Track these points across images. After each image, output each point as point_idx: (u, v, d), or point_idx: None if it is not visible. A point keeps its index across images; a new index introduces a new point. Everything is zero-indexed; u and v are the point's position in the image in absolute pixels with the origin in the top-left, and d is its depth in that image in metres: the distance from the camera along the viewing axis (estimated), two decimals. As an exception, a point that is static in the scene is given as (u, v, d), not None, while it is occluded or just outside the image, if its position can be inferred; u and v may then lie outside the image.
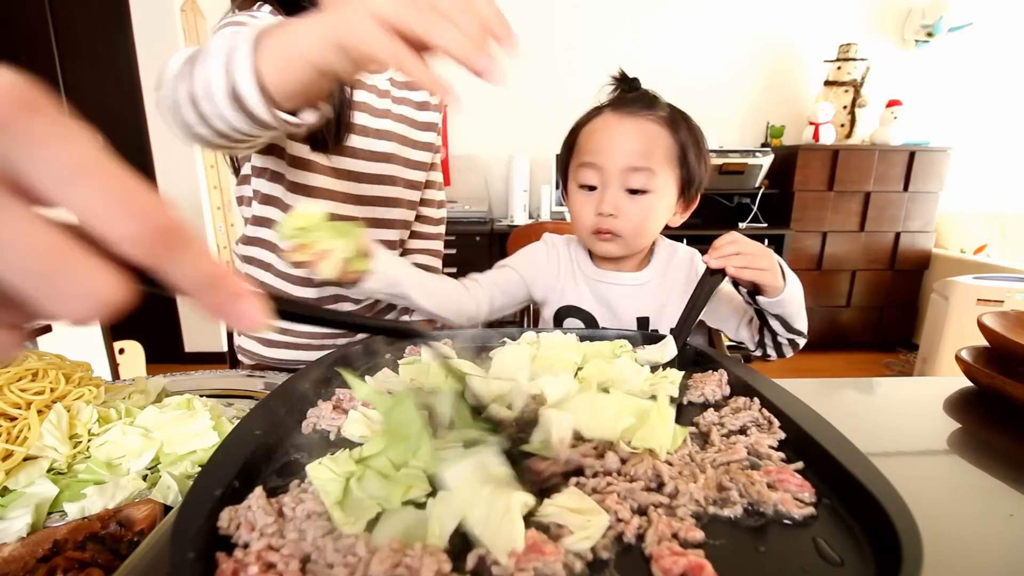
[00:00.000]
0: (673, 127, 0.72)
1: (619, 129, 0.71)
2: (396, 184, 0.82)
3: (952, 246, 3.08)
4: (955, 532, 0.37)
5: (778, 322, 0.69)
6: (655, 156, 0.71)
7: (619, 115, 0.72)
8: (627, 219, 0.73)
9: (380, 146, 0.79)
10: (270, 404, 0.40)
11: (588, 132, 0.75)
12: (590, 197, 0.74)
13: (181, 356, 2.94)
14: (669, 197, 0.74)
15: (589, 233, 0.76)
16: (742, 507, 0.29)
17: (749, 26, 3.08)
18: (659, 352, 0.54)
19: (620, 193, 0.72)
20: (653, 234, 0.77)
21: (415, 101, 0.85)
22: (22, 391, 0.46)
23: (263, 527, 0.26)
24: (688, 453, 0.35)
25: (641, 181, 0.71)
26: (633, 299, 0.79)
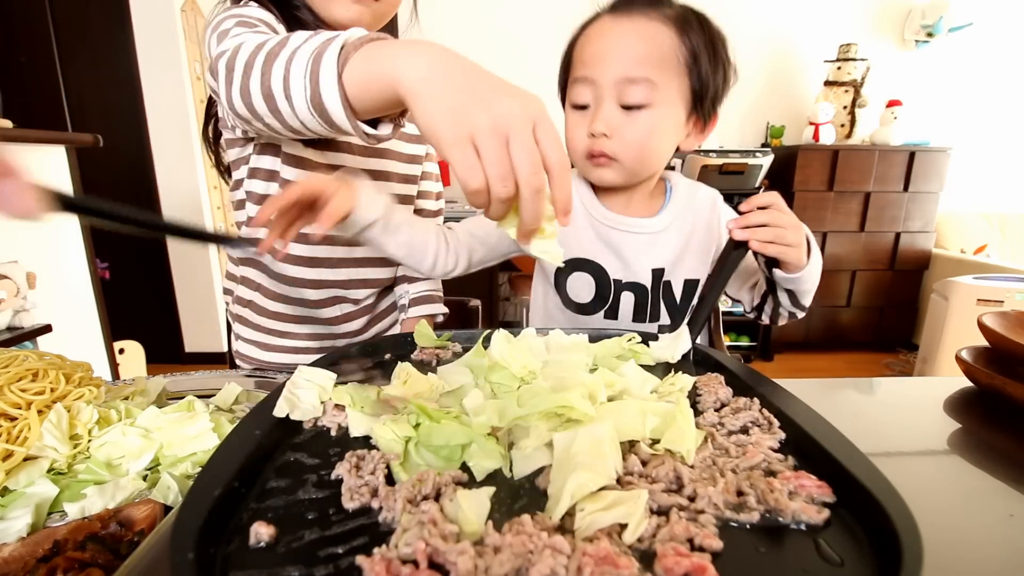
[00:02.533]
0: (682, 27, 0.60)
1: (614, 33, 0.61)
2: (391, 179, 0.82)
3: (952, 246, 3.08)
4: (955, 532, 0.37)
5: (787, 296, 0.64)
6: (656, 63, 0.60)
7: (616, 17, 0.62)
8: (623, 139, 0.62)
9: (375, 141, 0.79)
10: (270, 404, 0.40)
11: (582, 42, 0.65)
12: (583, 116, 0.64)
13: (181, 356, 2.94)
14: (676, 113, 0.63)
15: (582, 158, 0.66)
16: (759, 514, 0.29)
17: (749, 26, 3.08)
18: (672, 345, 0.52)
19: (615, 109, 0.61)
20: (658, 159, 0.66)
21: None
22: (22, 391, 0.46)
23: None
24: (709, 456, 0.35)
25: (639, 95, 0.60)
26: (648, 248, 0.70)
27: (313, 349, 0.83)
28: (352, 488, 0.31)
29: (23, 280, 1.45)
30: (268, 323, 0.82)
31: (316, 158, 0.74)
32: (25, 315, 1.46)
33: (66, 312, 1.61)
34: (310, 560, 0.25)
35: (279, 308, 0.81)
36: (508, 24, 3.03)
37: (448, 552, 0.24)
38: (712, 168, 2.75)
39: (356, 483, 0.31)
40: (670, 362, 0.53)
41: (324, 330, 0.82)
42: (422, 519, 0.26)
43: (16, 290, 1.43)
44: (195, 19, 2.62)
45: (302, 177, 0.74)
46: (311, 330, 0.82)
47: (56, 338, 1.53)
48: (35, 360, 0.49)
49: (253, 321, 0.83)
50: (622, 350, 0.53)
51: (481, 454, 0.33)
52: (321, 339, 0.83)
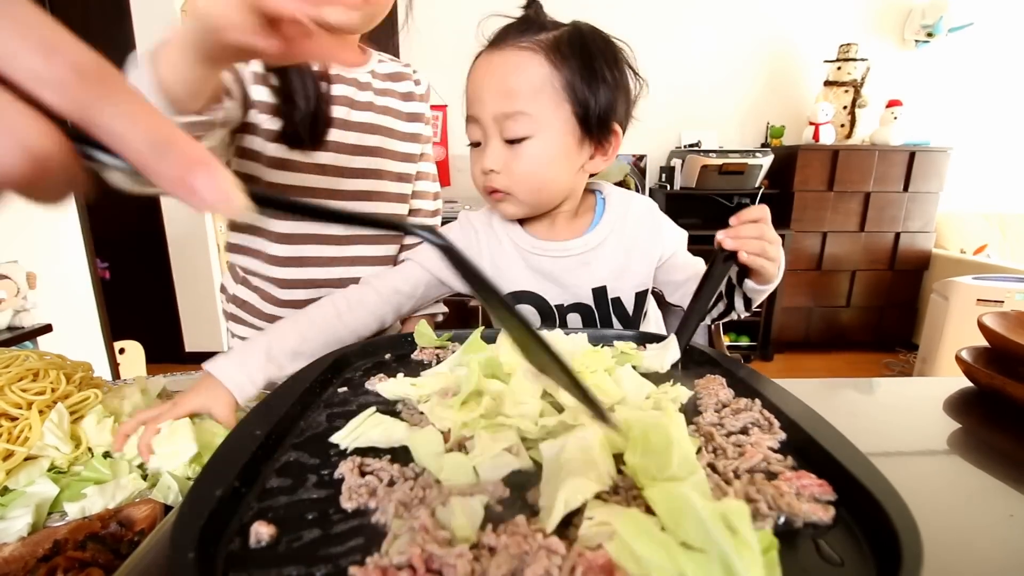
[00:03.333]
0: (552, 52, 0.59)
1: (487, 69, 0.61)
2: (383, 178, 0.81)
3: (952, 246, 3.08)
4: (955, 532, 0.37)
5: (743, 302, 0.65)
6: (528, 95, 0.59)
7: (490, 51, 0.61)
8: (512, 174, 0.62)
9: (364, 139, 0.78)
10: (270, 404, 0.40)
11: (468, 79, 0.64)
12: (478, 154, 0.64)
13: (181, 356, 2.94)
14: (562, 140, 0.61)
15: (484, 194, 0.66)
16: (773, 520, 0.28)
17: (749, 26, 3.08)
18: (659, 356, 0.52)
19: (499, 145, 0.61)
20: (556, 186, 0.65)
21: (399, 92, 0.84)
22: (23, 391, 0.46)
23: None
24: (708, 463, 0.34)
25: (519, 128, 0.59)
26: (581, 268, 0.69)
27: None
28: (352, 488, 0.31)
29: (23, 280, 1.46)
30: (263, 325, 0.82)
31: (301, 159, 0.74)
32: (25, 315, 1.46)
33: (66, 312, 1.61)
34: (310, 560, 0.25)
35: (273, 311, 0.80)
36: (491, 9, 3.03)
37: (446, 556, 0.24)
38: (712, 168, 2.75)
39: (356, 483, 0.31)
40: (659, 371, 0.52)
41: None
42: (413, 525, 0.26)
43: (16, 290, 1.43)
44: (195, 19, 2.62)
45: (286, 181, 0.73)
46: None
47: (56, 338, 1.53)
48: (36, 360, 0.49)
49: (248, 321, 0.83)
50: (617, 356, 0.53)
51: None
52: None
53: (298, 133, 0.71)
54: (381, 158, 0.81)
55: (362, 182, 0.80)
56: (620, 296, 0.71)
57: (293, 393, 0.42)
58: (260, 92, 0.70)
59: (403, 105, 0.84)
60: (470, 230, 0.73)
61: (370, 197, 0.81)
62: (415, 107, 0.86)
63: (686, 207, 2.79)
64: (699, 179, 2.79)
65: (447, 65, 0.90)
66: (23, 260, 1.47)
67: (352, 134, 0.77)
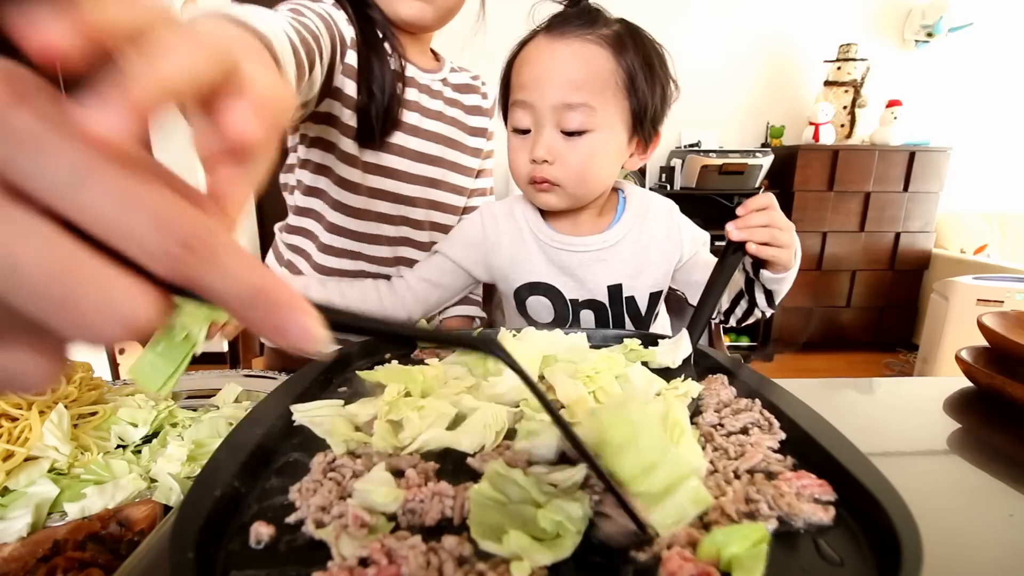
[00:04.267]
0: (618, 48, 0.59)
1: (551, 57, 0.59)
2: (440, 188, 0.82)
3: (952, 246, 3.08)
4: (955, 532, 0.37)
5: (764, 296, 0.65)
6: (594, 88, 0.59)
7: (552, 39, 0.60)
8: (565, 165, 0.62)
9: (428, 148, 0.79)
10: (270, 404, 0.40)
11: (519, 63, 0.63)
12: (524, 141, 0.63)
13: (181, 356, 2.94)
14: (617, 136, 0.62)
15: (526, 183, 0.66)
16: (774, 520, 0.28)
17: (749, 26, 3.08)
18: (672, 351, 0.52)
19: (555, 135, 0.61)
20: (601, 182, 0.66)
21: (466, 105, 0.84)
22: (22, 391, 0.46)
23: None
24: (710, 461, 0.34)
25: (579, 120, 0.59)
26: (600, 264, 0.69)
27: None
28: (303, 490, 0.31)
29: (23, 280, 1.45)
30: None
31: (368, 158, 0.74)
32: (25, 315, 1.46)
33: (66, 312, 1.61)
34: (310, 560, 0.25)
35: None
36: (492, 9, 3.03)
37: (399, 548, 0.24)
38: (712, 168, 2.75)
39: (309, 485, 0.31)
40: (671, 367, 0.52)
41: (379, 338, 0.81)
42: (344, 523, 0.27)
43: (16, 290, 1.43)
44: (195, 19, 2.62)
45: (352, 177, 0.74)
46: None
47: (56, 338, 1.53)
48: (35, 360, 0.49)
49: None
50: (624, 355, 0.53)
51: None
52: None
53: (371, 129, 0.71)
54: (442, 168, 0.81)
55: (420, 189, 0.80)
56: (635, 295, 0.70)
57: (293, 393, 0.42)
58: (349, 86, 0.69)
59: (469, 119, 0.84)
60: (492, 219, 0.72)
61: (425, 205, 0.82)
62: (480, 121, 0.86)
63: (686, 207, 2.70)
64: (699, 179, 2.79)
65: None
66: (23, 260, 1.47)
67: (419, 140, 0.78)
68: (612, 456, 0.30)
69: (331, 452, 0.35)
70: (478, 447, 0.35)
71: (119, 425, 0.49)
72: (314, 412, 0.40)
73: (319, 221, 0.79)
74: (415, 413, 0.38)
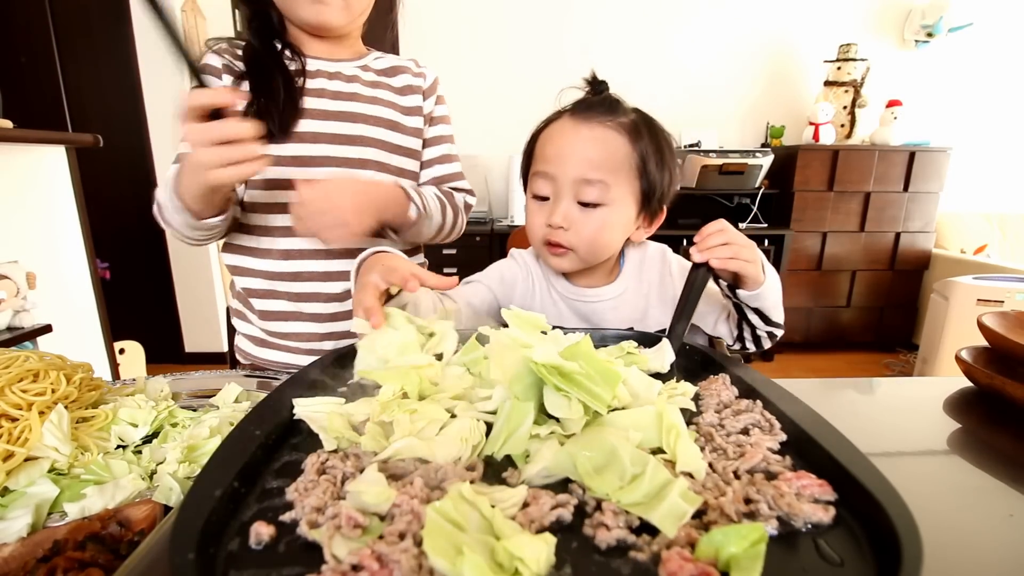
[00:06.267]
0: (633, 135, 0.67)
1: (575, 138, 0.67)
2: (369, 168, 0.81)
3: (952, 246, 3.08)
4: (955, 532, 0.37)
5: (756, 316, 0.68)
6: (610, 168, 0.66)
7: (576, 121, 0.68)
8: (578, 233, 0.68)
9: (346, 128, 0.79)
10: (270, 404, 0.40)
11: (544, 138, 0.71)
12: (542, 207, 0.70)
13: (181, 356, 2.94)
14: (627, 210, 0.69)
15: (540, 244, 0.72)
16: (775, 520, 0.28)
17: (749, 26, 3.08)
18: (658, 358, 0.54)
19: (572, 205, 0.68)
20: (610, 249, 0.73)
21: (395, 86, 0.84)
22: (23, 392, 0.46)
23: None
24: (709, 463, 0.34)
25: (595, 194, 0.66)
26: (614, 312, 0.76)
27: (302, 350, 0.82)
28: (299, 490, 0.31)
29: (23, 280, 1.45)
30: (261, 323, 0.82)
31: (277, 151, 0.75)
32: (25, 315, 1.46)
33: (66, 312, 1.61)
34: (310, 560, 0.25)
35: (264, 306, 0.81)
36: (529, 25, 3.03)
37: (390, 553, 0.24)
38: (712, 168, 2.75)
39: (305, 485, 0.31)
40: (661, 371, 0.53)
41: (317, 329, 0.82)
42: (338, 524, 0.27)
43: (16, 290, 1.43)
44: (195, 19, 2.62)
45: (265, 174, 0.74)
46: (304, 328, 0.82)
47: (56, 338, 1.53)
48: (36, 361, 0.49)
49: (248, 317, 0.84)
50: (621, 353, 0.54)
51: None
52: (311, 339, 0.82)
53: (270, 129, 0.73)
54: (373, 148, 0.81)
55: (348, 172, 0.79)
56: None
57: (293, 393, 0.42)
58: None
59: (400, 99, 0.84)
60: (524, 265, 0.81)
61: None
62: (414, 100, 0.86)
63: (686, 207, 2.78)
64: (699, 179, 2.78)
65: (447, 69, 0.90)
66: (23, 260, 1.47)
67: (330, 123, 0.78)
68: (596, 477, 0.31)
69: (324, 452, 0.35)
70: (453, 459, 0.35)
71: (119, 425, 0.49)
72: (314, 407, 0.40)
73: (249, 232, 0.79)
74: (406, 416, 0.37)
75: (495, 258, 0.85)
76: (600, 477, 0.31)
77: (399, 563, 0.24)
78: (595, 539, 0.27)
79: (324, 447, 0.37)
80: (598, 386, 0.38)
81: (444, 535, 0.25)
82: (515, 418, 0.36)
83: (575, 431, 0.37)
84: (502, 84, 3.09)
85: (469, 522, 0.27)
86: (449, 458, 0.35)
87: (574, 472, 0.33)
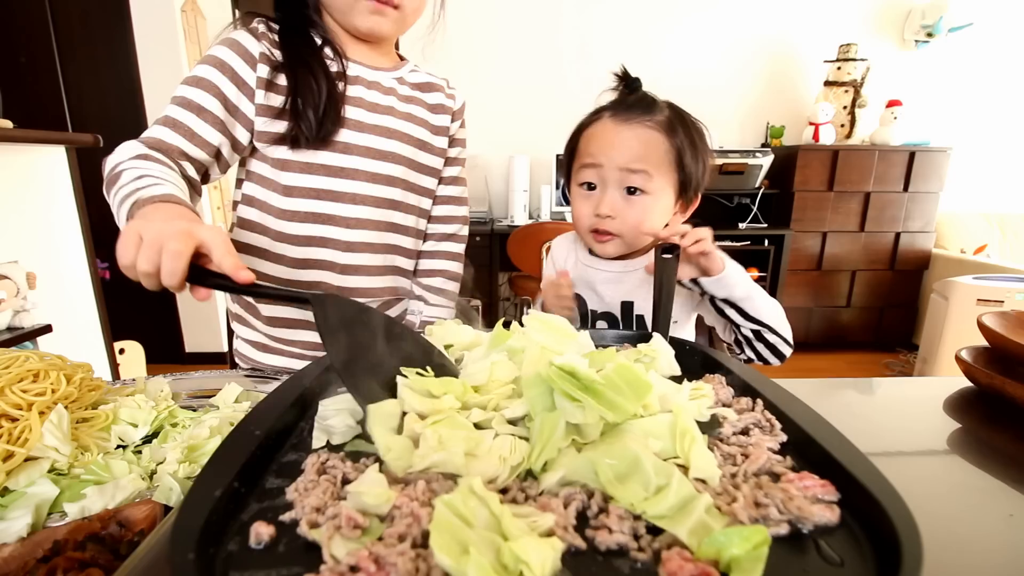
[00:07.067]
0: (670, 131, 0.73)
1: (616, 137, 0.73)
2: (396, 185, 0.80)
3: (952, 246, 3.08)
4: (955, 532, 0.37)
5: (732, 309, 0.70)
6: (651, 161, 0.72)
7: (617, 121, 0.74)
8: (624, 220, 0.75)
9: (378, 143, 0.77)
10: (270, 404, 0.40)
11: (588, 137, 0.77)
12: (590, 196, 0.76)
13: (181, 356, 2.94)
14: (666, 199, 0.75)
15: (587, 232, 0.78)
16: (786, 524, 0.28)
17: (749, 26, 3.08)
18: (667, 358, 0.51)
19: (618, 194, 0.74)
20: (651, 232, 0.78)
21: (428, 103, 0.84)
22: (23, 392, 0.46)
23: None
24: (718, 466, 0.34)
25: (638, 181, 0.73)
26: (616, 284, 0.82)
27: (308, 356, 0.81)
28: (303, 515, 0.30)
29: (23, 280, 1.45)
30: (264, 328, 0.82)
31: (310, 159, 0.74)
32: (25, 315, 1.46)
33: (66, 312, 1.61)
34: (310, 560, 0.25)
35: (272, 312, 0.80)
36: (528, 26, 3.03)
37: (387, 555, 0.24)
38: (712, 168, 2.75)
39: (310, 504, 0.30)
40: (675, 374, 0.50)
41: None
42: (338, 524, 0.27)
43: (16, 290, 1.43)
44: (195, 19, 2.62)
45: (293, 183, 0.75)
46: (307, 336, 0.81)
47: (56, 338, 1.53)
48: (36, 361, 0.49)
49: (251, 322, 0.83)
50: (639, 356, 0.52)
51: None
52: (314, 347, 0.81)
53: (300, 134, 0.71)
54: (397, 164, 0.80)
55: (375, 187, 0.78)
56: (644, 315, 0.81)
57: (293, 393, 0.42)
58: (268, 97, 0.71)
59: (432, 116, 0.84)
60: (558, 250, 0.90)
61: (385, 205, 0.80)
62: (443, 120, 0.85)
63: None
64: (699, 179, 2.79)
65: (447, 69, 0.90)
66: (23, 260, 1.47)
67: (365, 136, 0.76)
68: (619, 486, 0.31)
69: (324, 452, 0.35)
70: (490, 479, 0.33)
71: (119, 425, 0.49)
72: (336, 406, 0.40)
73: (263, 233, 0.77)
74: (431, 430, 0.35)
75: (495, 258, 0.86)
76: (624, 486, 0.31)
77: (396, 566, 0.24)
78: (595, 540, 0.27)
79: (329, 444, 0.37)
80: (621, 395, 0.36)
81: (451, 530, 0.25)
82: (546, 431, 0.35)
83: (593, 437, 0.36)
84: (501, 84, 3.09)
85: (477, 518, 0.26)
86: (485, 477, 0.32)
87: (595, 480, 0.32)
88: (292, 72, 0.71)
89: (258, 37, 0.71)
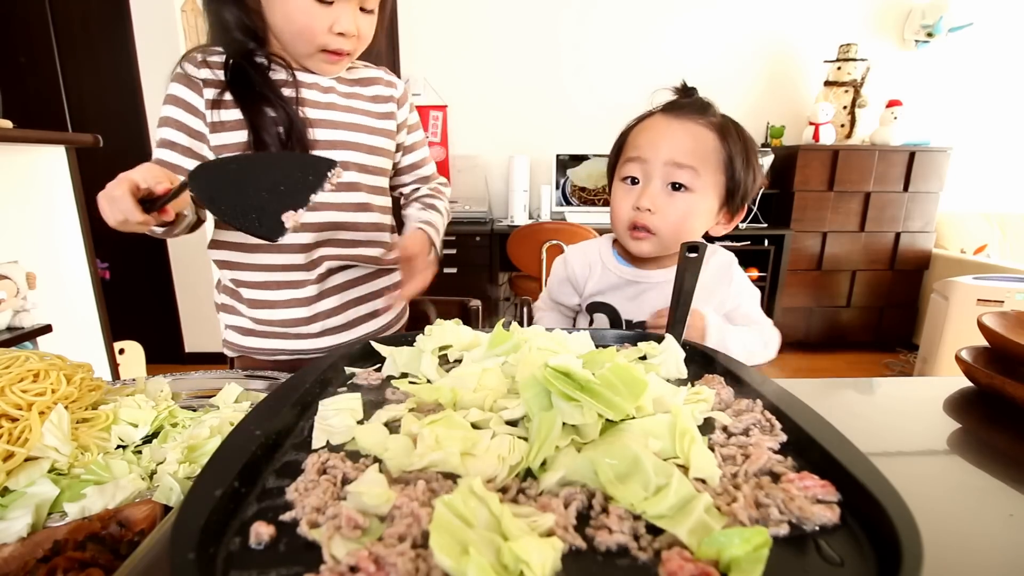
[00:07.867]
0: (723, 133, 0.71)
1: (667, 130, 0.71)
2: (349, 168, 0.83)
3: (952, 246, 3.08)
4: (955, 532, 0.37)
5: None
6: (700, 156, 0.70)
7: (668, 118, 0.72)
8: (664, 217, 0.72)
9: (328, 135, 0.82)
10: (270, 404, 0.40)
11: (637, 131, 0.75)
12: (630, 191, 0.74)
13: (181, 356, 2.94)
14: (711, 201, 0.73)
15: (625, 228, 0.75)
16: (787, 525, 0.28)
17: (749, 26, 3.08)
18: (675, 358, 0.51)
19: (661, 189, 0.71)
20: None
21: (366, 95, 0.88)
22: (23, 392, 0.46)
23: None
24: (718, 466, 0.34)
25: (684, 177, 0.70)
26: (652, 294, 0.79)
27: (291, 335, 0.84)
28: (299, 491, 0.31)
29: (23, 280, 1.45)
30: (248, 311, 0.85)
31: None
32: (25, 315, 1.46)
33: (66, 312, 1.61)
34: (310, 560, 0.25)
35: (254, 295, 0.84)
36: (528, 26, 3.03)
37: (387, 555, 0.24)
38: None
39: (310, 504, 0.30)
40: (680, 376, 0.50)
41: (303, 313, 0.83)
42: (338, 524, 0.27)
43: (16, 290, 1.43)
44: (195, 19, 2.62)
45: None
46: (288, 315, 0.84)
47: (56, 338, 1.53)
48: (36, 361, 0.49)
49: (236, 308, 0.87)
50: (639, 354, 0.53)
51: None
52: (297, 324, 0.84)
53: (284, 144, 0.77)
54: (349, 151, 0.83)
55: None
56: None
57: (293, 393, 0.42)
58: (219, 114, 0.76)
59: (374, 106, 0.88)
60: (576, 258, 0.86)
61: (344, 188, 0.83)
62: (387, 107, 0.89)
63: None
64: (699, 179, 2.79)
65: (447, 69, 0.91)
66: (23, 260, 1.47)
67: (317, 131, 0.81)
68: (619, 486, 0.31)
69: (324, 452, 0.35)
70: (488, 478, 0.33)
71: (119, 425, 0.49)
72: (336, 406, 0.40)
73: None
74: (428, 430, 0.35)
75: (495, 258, 0.87)
76: (624, 486, 0.31)
77: (396, 566, 0.24)
78: (595, 540, 0.27)
79: (328, 444, 0.37)
80: (618, 395, 0.36)
81: (451, 530, 0.25)
82: (544, 429, 0.35)
83: (592, 437, 0.36)
84: (502, 85, 3.09)
85: (477, 518, 0.26)
86: (484, 477, 0.32)
87: (595, 479, 0.32)
88: (244, 105, 0.76)
89: (198, 65, 0.77)
